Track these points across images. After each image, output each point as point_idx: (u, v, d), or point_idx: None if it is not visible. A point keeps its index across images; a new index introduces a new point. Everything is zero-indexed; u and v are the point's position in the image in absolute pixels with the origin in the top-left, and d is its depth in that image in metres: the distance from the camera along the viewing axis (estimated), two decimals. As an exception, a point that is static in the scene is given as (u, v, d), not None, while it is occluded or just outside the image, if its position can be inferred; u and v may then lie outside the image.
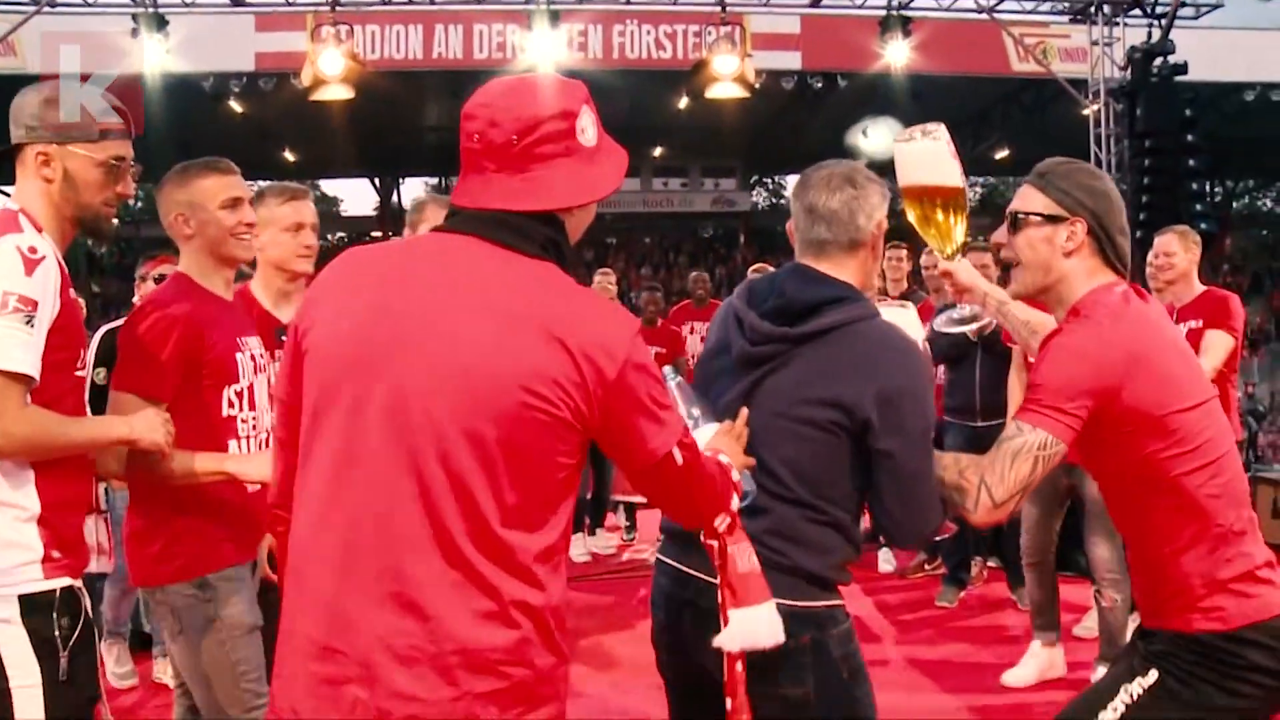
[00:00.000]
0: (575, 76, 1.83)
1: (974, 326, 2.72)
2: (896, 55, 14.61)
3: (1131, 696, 2.15)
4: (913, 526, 2.21)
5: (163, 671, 4.76)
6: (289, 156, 28.27)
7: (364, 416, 1.59)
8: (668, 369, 2.40)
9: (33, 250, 2.16)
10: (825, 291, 2.23)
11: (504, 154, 1.66)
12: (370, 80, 12.46)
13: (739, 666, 2.05)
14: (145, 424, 2.40)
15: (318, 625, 1.59)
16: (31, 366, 2.12)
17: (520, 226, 1.66)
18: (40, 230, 2.24)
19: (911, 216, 2.52)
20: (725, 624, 2.05)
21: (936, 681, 4.80)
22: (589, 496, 7.57)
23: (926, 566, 6.70)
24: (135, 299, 4.82)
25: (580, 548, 7.39)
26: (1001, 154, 27.39)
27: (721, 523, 1.98)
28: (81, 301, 2.40)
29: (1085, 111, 14.44)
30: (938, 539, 2.54)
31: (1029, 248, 2.29)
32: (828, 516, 2.17)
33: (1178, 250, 5.02)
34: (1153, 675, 2.15)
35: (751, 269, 7.78)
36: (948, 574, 6.20)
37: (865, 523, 2.30)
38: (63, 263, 2.26)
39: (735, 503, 2.00)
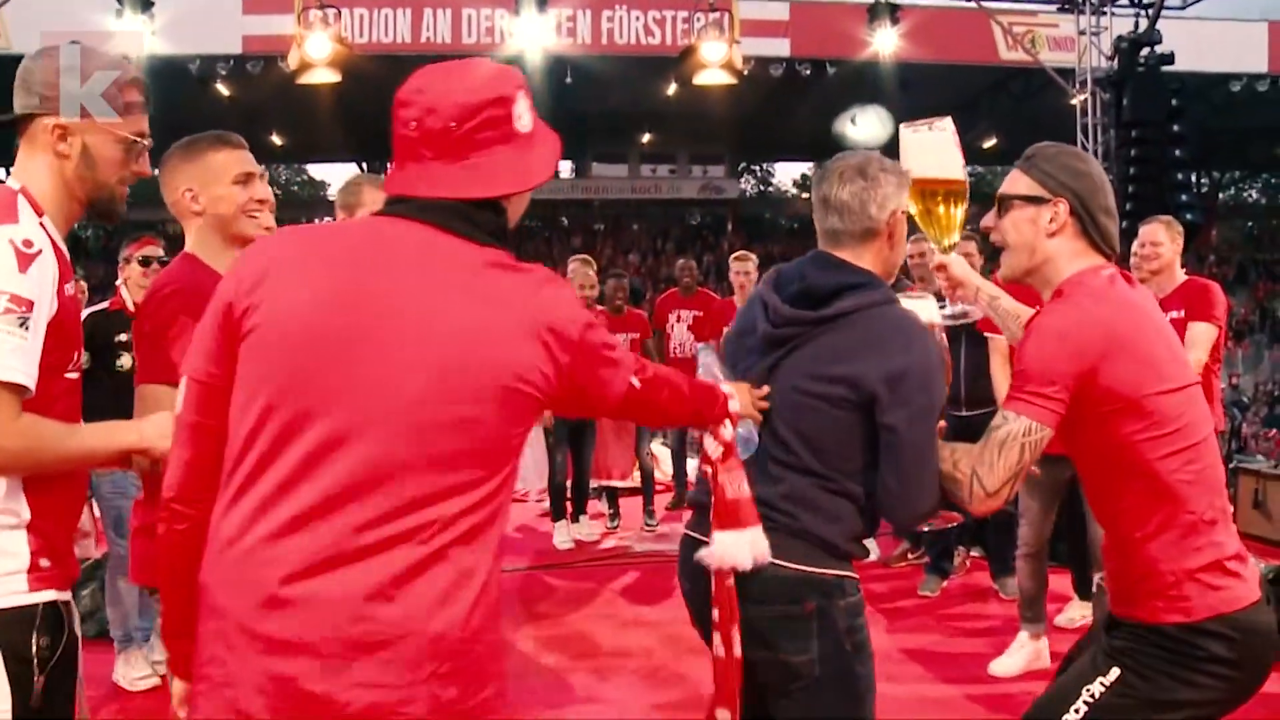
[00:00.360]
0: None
1: (963, 322, 2.76)
2: (885, 43, 14.67)
3: (1093, 696, 2.15)
4: (909, 504, 2.24)
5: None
6: (276, 140, 28.15)
7: (343, 402, 1.54)
8: (700, 345, 2.53)
9: (28, 243, 1.91)
10: (844, 278, 2.30)
11: (442, 141, 1.63)
12: (358, 64, 12.39)
13: (728, 582, 2.18)
14: (157, 429, 2.08)
15: (268, 619, 1.51)
16: (26, 375, 1.88)
17: (472, 216, 1.64)
18: (41, 214, 2.01)
19: (912, 208, 2.54)
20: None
21: (918, 670, 4.82)
22: (569, 484, 7.59)
23: (910, 555, 6.71)
24: (119, 282, 4.79)
25: (564, 535, 7.39)
26: (989, 143, 27.44)
27: (715, 450, 2.19)
28: (84, 286, 2.17)
29: (1072, 101, 14.51)
30: (943, 528, 2.58)
31: (1014, 229, 2.31)
32: (838, 485, 2.24)
33: (1164, 240, 5.03)
34: (1114, 673, 2.15)
35: (733, 257, 7.79)
36: (930, 563, 6.21)
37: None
38: (64, 251, 2.05)
39: (728, 432, 2.19)
